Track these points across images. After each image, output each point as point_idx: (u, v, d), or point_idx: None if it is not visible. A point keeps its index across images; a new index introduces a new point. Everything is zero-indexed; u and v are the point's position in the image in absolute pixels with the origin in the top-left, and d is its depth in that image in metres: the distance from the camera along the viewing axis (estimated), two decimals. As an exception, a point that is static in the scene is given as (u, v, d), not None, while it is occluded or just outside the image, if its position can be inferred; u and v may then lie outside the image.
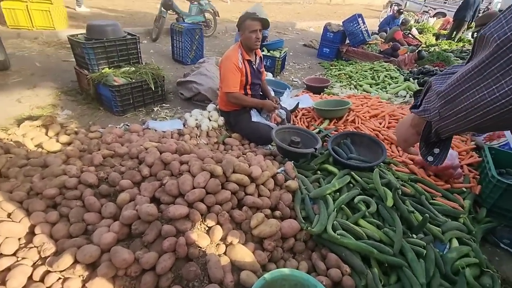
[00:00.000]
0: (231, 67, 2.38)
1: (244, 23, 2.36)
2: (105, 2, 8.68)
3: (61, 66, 3.97)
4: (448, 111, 0.56)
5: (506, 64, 0.42)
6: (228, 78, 2.41)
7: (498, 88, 0.44)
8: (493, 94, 0.44)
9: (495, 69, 0.44)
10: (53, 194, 1.44)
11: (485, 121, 0.49)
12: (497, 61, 0.43)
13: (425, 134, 0.69)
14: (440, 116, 0.59)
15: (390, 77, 4.44)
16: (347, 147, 2.18)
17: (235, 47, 2.49)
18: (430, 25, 10.59)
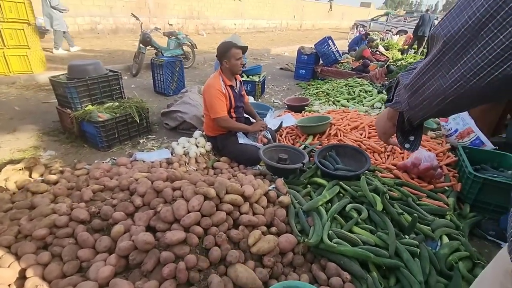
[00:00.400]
0: (215, 93, 2.48)
1: (230, 52, 2.49)
2: (82, 42, 8.83)
3: (41, 108, 3.93)
4: (415, 100, 0.63)
5: (454, 56, 0.50)
6: (215, 104, 2.48)
7: (450, 76, 0.51)
8: (447, 81, 0.52)
9: (445, 61, 0.52)
10: (44, 235, 1.40)
11: (446, 105, 0.57)
12: (446, 54, 0.52)
13: (400, 123, 0.78)
14: (409, 106, 0.66)
15: (365, 91, 4.70)
16: (333, 159, 2.27)
17: (215, 75, 2.61)
18: (394, 42, 11.45)
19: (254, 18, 16.93)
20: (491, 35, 0.43)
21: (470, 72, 0.47)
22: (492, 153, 2.45)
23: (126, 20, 10.97)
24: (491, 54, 0.44)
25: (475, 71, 0.47)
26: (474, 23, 0.45)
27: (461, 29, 0.48)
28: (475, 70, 0.47)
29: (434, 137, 2.98)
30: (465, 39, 0.47)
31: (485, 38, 0.44)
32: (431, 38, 0.57)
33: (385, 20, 17.70)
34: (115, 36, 10.66)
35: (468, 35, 0.47)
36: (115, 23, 10.94)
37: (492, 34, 0.43)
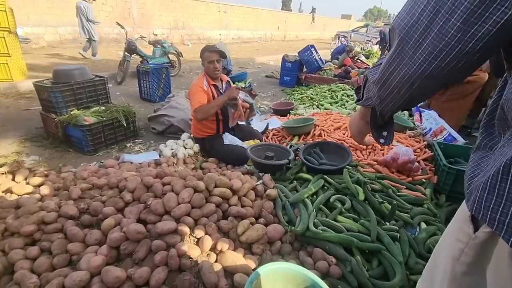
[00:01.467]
0: (196, 90, 2.56)
1: (203, 55, 2.62)
2: (64, 52, 8.72)
3: (22, 116, 3.86)
4: (384, 92, 0.67)
5: (414, 43, 0.55)
6: (194, 99, 2.54)
7: (413, 62, 0.57)
8: (412, 67, 0.57)
9: (408, 49, 0.57)
10: (32, 231, 1.40)
11: (413, 91, 0.60)
12: (408, 43, 0.57)
13: (373, 119, 0.79)
14: (380, 99, 0.69)
15: (347, 95, 4.90)
16: (317, 155, 2.36)
17: (200, 76, 2.72)
18: (374, 51, 11.97)
19: (238, 29, 17.26)
20: (444, 19, 0.49)
21: (431, 55, 0.52)
22: (464, 148, 2.63)
23: (110, 30, 10.94)
24: (446, 36, 0.49)
25: (435, 54, 0.51)
26: (429, 11, 0.51)
27: (420, 17, 0.53)
28: (435, 52, 0.51)
29: (412, 135, 3.15)
30: (423, 26, 0.53)
31: (439, 23, 0.50)
32: (392, 30, 0.62)
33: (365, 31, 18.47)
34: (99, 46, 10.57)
35: (425, 22, 0.52)
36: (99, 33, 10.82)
37: (445, 19, 0.49)
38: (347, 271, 1.39)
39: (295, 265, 1.20)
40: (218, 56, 2.62)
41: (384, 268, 1.45)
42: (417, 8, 0.54)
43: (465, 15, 0.46)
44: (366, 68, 7.93)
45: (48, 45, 9.51)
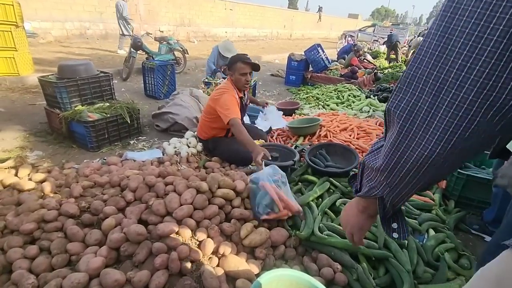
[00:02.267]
0: (233, 99, 2.40)
1: (235, 65, 2.43)
2: (71, 47, 8.75)
3: (27, 110, 3.86)
4: (395, 179, 0.58)
5: (417, 131, 0.50)
6: (230, 107, 2.35)
7: (422, 147, 0.49)
8: (420, 151, 0.50)
9: (416, 129, 0.50)
10: (31, 229, 1.37)
11: (424, 174, 0.53)
12: (414, 122, 0.50)
13: (382, 211, 0.66)
14: (390, 187, 0.60)
15: (353, 96, 4.82)
16: (323, 157, 2.31)
17: (228, 82, 2.53)
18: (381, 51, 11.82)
19: (245, 27, 17.18)
20: (450, 94, 0.43)
21: (448, 132, 0.46)
22: (475, 152, 2.55)
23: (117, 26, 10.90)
24: (460, 111, 0.43)
25: (451, 130, 0.45)
26: (430, 93, 0.46)
27: (424, 98, 0.47)
28: (451, 129, 0.45)
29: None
30: (428, 105, 0.47)
31: (446, 99, 0.44)
32: (388, 112, 0.55)
33: (372, 30, 18.28)
34: (105, 42, 10.60)
35: (430, 100, 0.46)
36: (105, 29, 10.90)
37: (451, 94, 0.43)
38: (353, 279, 1.35)
39: (299, 272, 1.16)
40: (251, 68, 2.49)
41: (391, 277, 1.41)
42: (420, 91, 0.48)
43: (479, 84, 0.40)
44: (373, 68, 7.82)
45: (55, 40, 9.54)
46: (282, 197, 1.54)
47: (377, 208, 0.67)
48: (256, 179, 1.65)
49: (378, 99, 4.67)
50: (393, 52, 10.03)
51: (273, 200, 1.51)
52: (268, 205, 1.53)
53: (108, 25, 10.83)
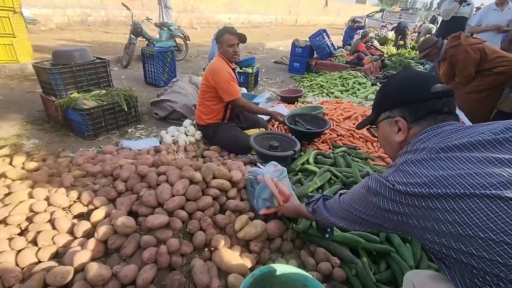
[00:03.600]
0: (228, 77, 2.40)
1: (223, 37, 2.43)
2: (72, 34, 8.64)
3: (26, 97, 3.81)
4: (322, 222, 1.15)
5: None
6: (229, 86, 2.40)
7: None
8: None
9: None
10: (18, 220, 1.33)
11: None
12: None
13: (317, 224, 1.24)
14: (320, 220, 1.16)
15: (359, 83, 4.67)
16: (300, 124, 2.69)
17: (219, 59, 2.52)
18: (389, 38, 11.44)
19: (249, 13, 16.75)
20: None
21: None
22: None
23: (118, 12, 10.74)
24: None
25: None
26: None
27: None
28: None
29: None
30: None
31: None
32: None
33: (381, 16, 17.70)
34: (106, 29, 10.44)
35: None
36: (107, 15, 10.71)
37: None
38: (352, 274, 1.28)
39: (295, 268, 1.10)
40: (238, 39, 2.47)
41: (393, 272, 1.34)
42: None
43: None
44: (380, 55, 7.56)
45: (56, 27, 9.41)
46: (282, 190, 1.46)
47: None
48: (254, 172, 1.58)
49: (384, 87, 4.51)
50: (401, 38, 9.70)
51: (273, 194, 1.43)
52: (268, 198, 1.45)
53: (110, 12, 10.64)
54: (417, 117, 0.85)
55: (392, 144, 0.94)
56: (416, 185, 0.69)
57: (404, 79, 0.92)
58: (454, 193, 0.63)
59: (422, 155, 0.74)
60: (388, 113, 0.92)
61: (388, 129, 0.93)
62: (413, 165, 0.73)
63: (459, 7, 4.59)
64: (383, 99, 0.97)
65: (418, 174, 0.71)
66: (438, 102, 0.84)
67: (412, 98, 0.86)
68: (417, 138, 0.83)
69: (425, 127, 0.83)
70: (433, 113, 0.84)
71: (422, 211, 0.68)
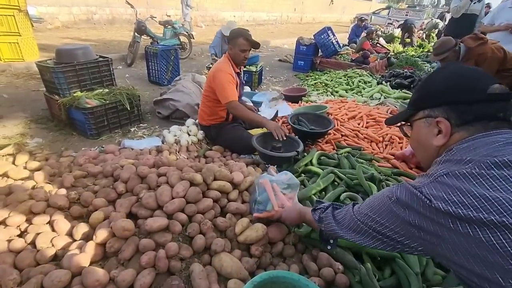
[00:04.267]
0: (228, 78, 2.35)
1: (237, 40, 2.36)
2: (78, 33, 8.68)
3: (30, 96, 3.83)
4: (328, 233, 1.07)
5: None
6: (226, 88, 2.34)
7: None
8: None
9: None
10: (18, 222, 1.32)
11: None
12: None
13: (320, 234, 1.15)
14: (325, 230, 1.06)
15: (364, 82, 4.60)
16: (304, 123, 2.63)
17: (225, 60, 2.48)
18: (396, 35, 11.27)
19: (254, 11, 16.66)
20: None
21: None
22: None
23: (123, 10, 10.75)
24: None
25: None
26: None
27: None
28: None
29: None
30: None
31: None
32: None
33: (387, 13, 17.48)
34: (111, 27, 10.47)
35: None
36: (112, 14, 10.74)
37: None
38: (355, 280, 1.25)
39: (296, 275, 1.07)
40: (251, 46, 2.43)
41: (398, 279, 1.30)
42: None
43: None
44: (386, 53, 7.45)
45: (62, 26, 9.46)
46: (280, 197, 1.40)
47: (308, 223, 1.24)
48: (261, 177, 1.53)
49: (390, 85, 4.43)
50: (408, 36, 9.55)
51: (269, 199, 1.40)
52: (262, 202, 1.42)
53: (115, 10, 10.66)
54: (465, 121, 0.72)
55: (427, 148, 0.81)
56: (461, 205, 0.57)
57: (454, 75, 0.77)
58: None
59: (469, 168, 0.62)
60: (429, 112, 0.78)
61: (426, 130, 0.79)
62: (457, 179, 0.61)
63: (470, 4, 4.45)
64: (425, 95, 0.82)
65: (463, 191, 0.59)
66: (493, 106, 0.70)
67: (462, 98, 0.73)
68: (462, 145, 0.70)
69: (473, 133, 0.70)
70: (485, 118, 0.70)
71: (466, 238, 0.56)
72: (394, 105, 3.56)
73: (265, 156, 2.16)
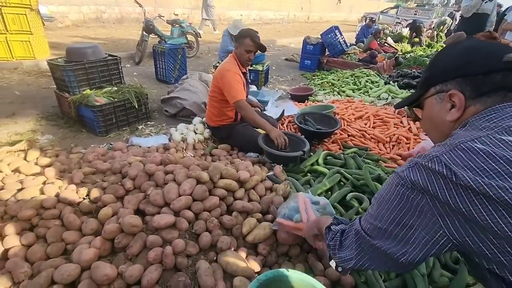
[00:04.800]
0: (235, 78, 2.35)
1: (244, 40, 2.35)
2: (87, 31, 8.79)
3: (41, 93, 3.90)
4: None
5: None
6: (234, 88, 2.33)
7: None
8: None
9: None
10: (29, 215, 1.35)
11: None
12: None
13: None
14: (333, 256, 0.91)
15: (371, 82, 4.56)
16: (310, 123, 2.65)
17: (231, 60, 2.48)
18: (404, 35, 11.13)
19: (260, 10, 16.64)
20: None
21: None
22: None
23: (132, 9, 10.86)
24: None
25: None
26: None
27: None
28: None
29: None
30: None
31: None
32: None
33: (395, 12, 17.27)
34: (120, 26, 10.59)
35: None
36: (121, 12, 10.85)
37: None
38: (360, 280, 1.25)
39: (302, 274, 1.07)
40: (257, 48, 2.42)
41: (404, 280, 1.29)
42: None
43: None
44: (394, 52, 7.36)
45: (72, 24, 9.61)
46: (309, 212, 1.25)
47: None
48: (299, 194, 1.38)
49: (398, 86, 4.39)
50: (416, 35, 9.42)
51: (299, 211, 1.26)
52: (291, 210, 1.29)
53: (123, 9, 10.77)
54: (480, 93, 0.66)
55: (440, 126, 0.74)
56: (492, 174, 0.50)
57: (468, 47, 0.71)
58: None
59: (495, 133, 0.55)
60: (441, 87, 0.73)
61: (438, 107, 0.73)
62: (485, 145, 0.54)
63: (482, 4, 4.38)
64: (437, 71, 0.76)
65: (496, 158, 0.51)
66: (511, 75, 0.64)
67: (476, 68, 0.67)
68: (478, 117, 0.64)
69: (490, 105, 0.64)
70: (502, 89, 0.64)
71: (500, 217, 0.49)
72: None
73: (271, 155, 2.17)
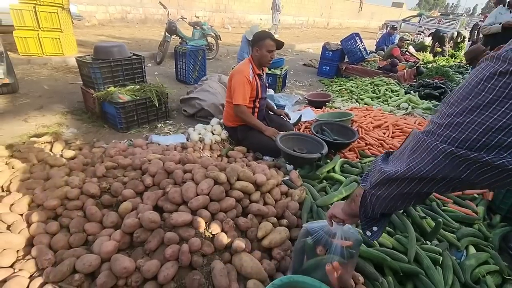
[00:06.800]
0: (242, 80, 2.39)
1: (264, 42, 2.40)
2: (112, 30, 9.10)
3: (68, 89, 4.07)
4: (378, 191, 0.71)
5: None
6: (238, 90, 2.39)
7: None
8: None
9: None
10: (54, 205, 1.41)
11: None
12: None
13: (363, 204, 0.79)
14: (370, 185, 0.73)
15: (391, 91, 4.48)
16: (327, 133, 2.61)
17: (246, 62, 2.52)
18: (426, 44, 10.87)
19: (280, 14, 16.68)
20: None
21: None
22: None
23: (155, 10, 11.18)
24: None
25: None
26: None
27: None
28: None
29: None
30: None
31: None
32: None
33: (418, 21, 16.92)
34: (143, 26, 10.90)
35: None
36: (145, 13, 11.18)
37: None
38: None
39: (316, 281, 1.06)
40: (276, 46, 2.47)
41: (420, 296, 1.26)
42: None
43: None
44: (415, 61, 7.20)
45: (99, 23, 9.99)
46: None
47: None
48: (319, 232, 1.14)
49: (419, 96, 4.29)
50: (439, 45, 9.17)
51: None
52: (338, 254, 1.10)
53: (147, 10, 11.09)
54: None
55: None
56: None
57: None
58: None
59: None
60: None
61: None
62: None
63: None
64: None
65: None
66: None
67: None
68: None
69: None
70: None
71: None
72: (422, 116, 3.44)
73: (289, 157, 2.17)
